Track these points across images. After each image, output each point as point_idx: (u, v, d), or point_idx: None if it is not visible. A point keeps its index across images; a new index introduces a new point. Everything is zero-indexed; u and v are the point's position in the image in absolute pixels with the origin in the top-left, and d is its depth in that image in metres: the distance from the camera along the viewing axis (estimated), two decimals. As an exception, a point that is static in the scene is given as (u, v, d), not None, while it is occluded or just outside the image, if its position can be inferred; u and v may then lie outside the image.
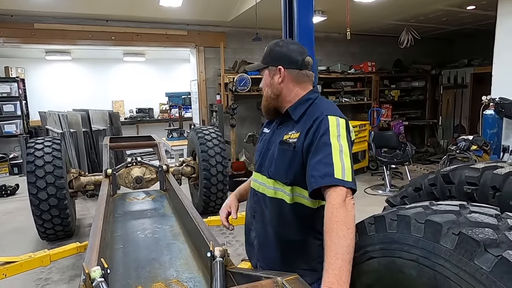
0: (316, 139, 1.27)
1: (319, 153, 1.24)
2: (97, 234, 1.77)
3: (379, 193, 5.66)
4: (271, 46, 1.48)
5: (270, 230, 1.43)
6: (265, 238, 1.46)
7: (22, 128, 7.58)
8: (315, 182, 1.19)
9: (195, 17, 6.36)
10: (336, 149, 1.22)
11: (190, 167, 4.54)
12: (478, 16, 6.47)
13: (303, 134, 1.33)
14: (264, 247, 1.47)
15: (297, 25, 2.49)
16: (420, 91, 8.70)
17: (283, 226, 1.40)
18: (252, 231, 1.53)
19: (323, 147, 1.24)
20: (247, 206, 1.59)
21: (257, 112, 7.15)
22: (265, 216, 1.44)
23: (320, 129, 1.28)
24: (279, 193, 1.39)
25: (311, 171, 1.23)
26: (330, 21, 6.19)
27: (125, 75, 10.19)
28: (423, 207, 0.99)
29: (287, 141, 1.37)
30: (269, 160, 1.44)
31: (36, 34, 5.82)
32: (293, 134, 1.36)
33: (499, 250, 0.77)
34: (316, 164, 1.22)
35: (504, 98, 4.72)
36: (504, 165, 1.20)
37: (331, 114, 1.31)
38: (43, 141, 3.78)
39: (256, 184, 1.50)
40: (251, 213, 1.53)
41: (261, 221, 1.47)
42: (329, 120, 1.28)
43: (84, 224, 4.54)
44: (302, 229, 1.37)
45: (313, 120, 1.32)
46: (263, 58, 1.50)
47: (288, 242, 1.40)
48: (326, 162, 1.20)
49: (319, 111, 1.34)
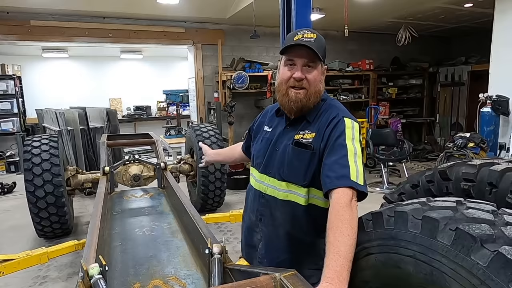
0: (332, 140, 1.26)
1: (335, 153, 1.23)
2: (95, 232, 1.77)
3: (376, 190, 5.68)
4: (321, 38, 1.32)
5: (282, 232, 1.39)
6: (275, 241, 1.42)
7: (19, 126, 7.55)
8: (331, 182, 1.18)
9: (193, 14, 6.34)
10: (351, 152, 1.22)
11: (188, 165, 4.54)
12: (475, 13, 6.48)
13: (319, 135, 1.31)
14: (273, 250, 1.43)
15: (295, 23, 2.49)
16: (418, 89, 8.72)
17: (296, 228, 1.37)
18: (256, 233, 1.48)
19: (339, 148, 1.23)
20: (249, 208, 1.53)
21: (255, 109, 7.15)
22: (276, 219, 1.40)
23: (336, 130, 1.27)
24: (291, 195, 1.36)
25: (327, 172, 1.22)
26: (328, 19, 6.19)
27: (123, 72, 10.16)
28: (420, 204, 0.99)
29: (301, 141, 1.33)
30: (279, 162, 1.38)
31: (33, 31, 5.79)
32: (307, 134, 1.33)
33: (496, 246, 0.77)
34: (332, 165, 1.21)
35: (501, 96, 4.74)
36: (500, 161, 1.21)
37: (347, 116, 1.31)
38: (40, 139, 3.77)
39: (262, 186, 1.45)
40: (256, 216, 1.47)
41: (270, 224, 1.42)
42: (345, 122, 1.28)
43: (82, 222, 4.53)
44: (314, 230, 1.35)
45: (329, 121, 1.30)
46: (319, 48, 1.29)
47: (299, 244, 1.38)
48: (342, 163, 1.20)
49: (335, 112, 1.33)
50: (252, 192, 1.51)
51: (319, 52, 1.29)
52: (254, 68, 6.58)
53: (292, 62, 1.33)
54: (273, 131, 1.47)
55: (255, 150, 1.53)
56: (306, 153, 1.32)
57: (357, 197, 1.18)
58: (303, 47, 1.29)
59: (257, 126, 1.61)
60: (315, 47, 1.29)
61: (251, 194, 1.52)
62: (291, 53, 1.33)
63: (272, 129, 1.48)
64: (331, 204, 1.14)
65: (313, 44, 1.29)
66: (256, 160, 1.51)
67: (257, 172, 1.49)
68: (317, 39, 1.32)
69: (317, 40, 1.31)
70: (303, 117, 1.38)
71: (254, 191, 1.49)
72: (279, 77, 1.39)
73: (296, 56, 1.32)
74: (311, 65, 1.32)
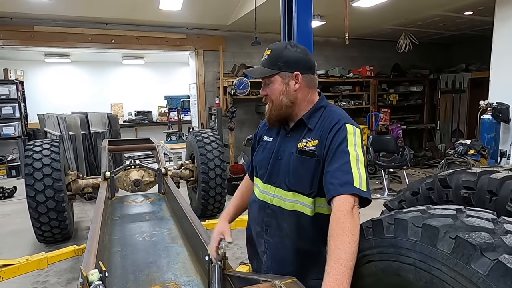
0: (334, 147, 1.25)
1: (337, 160, 1.22)
2: (95, 237, 1.77)
3: (377, 197, 5.67)
4: (278, 50, 1.37)
5: (288, 243, 1.37)
6: (281, 252, 1.40)
7: (21, 130, 7.57)
8: (334, 189, 1.18)
9: (195, 21, 6.39)
10: (353, 158, 1.21)
11: (188, 170, 4.54)
12: (475, 21, 6.52)
13: (321, 141, 1.30)
14: (279, 262, 1.41)
15: (296, 29, 2.51)
16: (418, 96, 8.74)
17: (302, 239, 1.35)
18: (261, 245, 1.46)
19: (342, 154, 1.23)
20: (254, 219, 1.50)
21: (256, 115, 7.17)
22: (283, 229, 1.38)
23: (338, 137, 1.26)
24: (297, 205, 1.34)
25: (330, 178, 1.21)
26: (329, 26, 6.23)
27: (124, 78, 10.21)
28: (420, 211, 0.99)
29: (304, 149, 1.33)
30: (283, 171, 1.37)
31: (36, 37, 5.83)
32: (310, 141, 1.33)
33: (495, 254, 0.77)
34: (335, 172, 1.20)
35: (501, 103, 4.75)
36: (500, 169, 1.21)
37: (348, 122, 1.31)
38: (41, 143, 3.78)
39: (268, 196, 1.42)
40: (261, 227, 1.45)
41: (277, 235, 1.40)
42: (347, 128, 1.28)
43: (82, 227, 4.52)
44: (321, 240, 1.30)
45: (331, 127, 1.30)
46: (271, 63, 1.36)
47: (306, 254, 1.36)
48: (345, 170, 1.19)
49: (336, 118, 1.33)
50: (257, 203, 1.48)
51: (269, 66, 1.36)
52: (256, 75, 6.60)
53: None
54: (273, 140, 1.46)
55: (257, 160, 1.51)
56: (311, 161, 1.31)
57: (360, 204, 1.17)
58: (256, 68, 1.42)
59: (257, 142, 1.59)
60: (266, 63, 1.37)
61: (255, 205, 1.49)
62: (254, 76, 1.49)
63: (272, 139, 1.47)
64: (333, 211, 1.14)
65: (265, 61, 1.38)
66: (260, 171, 1.49)
67: (261, 183, 1.47)
68: (271, 54, 1.38)
69: (271, 55, 1.38)
70: (303, 124, 1.38)
71: (259, 202, 1.47)
72: None
73: (255, 76, 1.45)
74: (267, 80, 1.39)
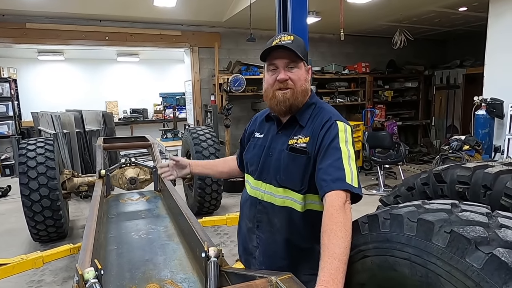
0: (326, 144, 1.27)
1: (329, 157, 1.24)
2: (91, 235, 1.76)
3: (373, 192, 5.70)
4: (300, 40, 1.36)
5: (279, 239, 1.39)
6: (273, 247, 1.41)
7: (14, 129, 7.51)
8: (327, 186, 1.19)
9: (190, 18, 6.35)
10: (345, 155, 1.23)
11: (184, 168, 4.52)
12: (470, 17, 6.55)
13: (313, 139, 1.31)
14: (271, 257, 1.42)
15: (291, 26, 2.50)
16: (413, 92, 8.78)
17: (293, 234, 1.37)
18: (253, 240, 1.47)
19: (334, 151, 1.24)
20: (245, 215, 1.51)
21: (252, 112, 7.16)
22: (274, 225, 1.39)
23: (330, 134, 1.28)
24: (287, 201, 1.35)
25: (322, 175, 1.22)
26: (324, 22, 6.22)
27: (119, 75, 10.15)
28: (416, 206, 1.00)
29: (295, 146, 1.33)
30: (274, 168, 1.38)
31: (28, 34, 5.77)
32: (301, 138, 1.34)
33: (490, 248, 0.78)
34: (327, 168, 1.22)
35: (495, 99, 4.79)
36: (494, 164, 1.22)
37: (339, 120, 1.33)
38: (35, 142, 3.75)
39: (258, 192, 1.44)
40: (253, 222, 1.46)
41: (268, 230, 1.41)
42: (338, 125, 1.30)
43: (77, 226, 4.50)
44: (312, 235, 1.33)
45: (322, 125, 1.32)
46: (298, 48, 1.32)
47: (297, 250, 1.38)
48: (337, 166, 1.21)
49: (327, 115, 1.34)
50: (248, 199, 1.50)
51: (298, 52, 1.31)
52: (251, 71, 6.59)
53: (274, 66, 1.36)
54: (265, 136, 1.47)
55: (248, 157, 1.52)
56: (302, 158, 1.32)
57: (351, 199, 1.18)
58: (281, 49, 1.32)
59: (247, 137, 1.61)
60: (294, 47, 1.31)
61: (247, 201, 1.51)
62: (271, 57, 1.36)
63: (264, 135, 1.48)
64: (325, 207, 1.15)
65: (291, 45, 1.31)
66: (251, 167, 1.50)
67: (252, 179, 1.48)
68: (295, 40, 1.34)
69: (295, 41, 1.33)
70: (295, 121, 1.39)
71: (250, 198, 1.48)
72: (265, 84, 1.42)
73: (276, 58, 1.34)
74: (293, 65, 1.34)
